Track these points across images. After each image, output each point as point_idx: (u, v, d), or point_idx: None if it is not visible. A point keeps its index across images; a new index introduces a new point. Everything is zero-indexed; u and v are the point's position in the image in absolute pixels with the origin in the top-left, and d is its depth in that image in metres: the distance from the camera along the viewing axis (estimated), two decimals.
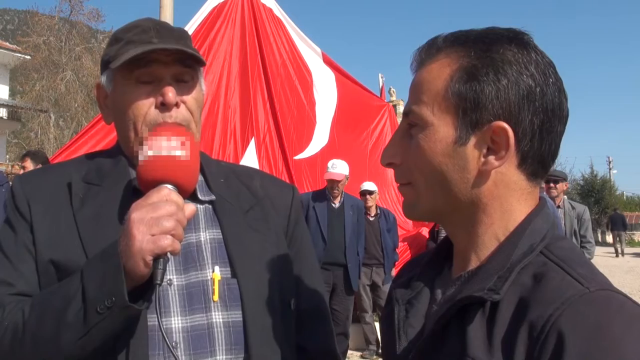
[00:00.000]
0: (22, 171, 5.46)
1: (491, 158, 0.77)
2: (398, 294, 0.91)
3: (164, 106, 1.11)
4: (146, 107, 1.11)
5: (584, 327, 0.64)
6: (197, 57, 1.15)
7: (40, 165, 4.90)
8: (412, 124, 0.82)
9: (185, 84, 1.15)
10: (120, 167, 1.16)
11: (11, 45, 23.66)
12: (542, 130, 0.77)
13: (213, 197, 1.17)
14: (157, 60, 1.11)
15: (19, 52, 22.32)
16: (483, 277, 0.76)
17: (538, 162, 0.78)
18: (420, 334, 0.84)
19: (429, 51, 0.82)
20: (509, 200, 0.79)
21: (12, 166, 15.74)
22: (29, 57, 22.11)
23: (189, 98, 1.15)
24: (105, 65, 1.17)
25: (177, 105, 1.12)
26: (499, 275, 0.74)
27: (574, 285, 0.69)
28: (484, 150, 0.77)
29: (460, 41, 0.80)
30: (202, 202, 1.15)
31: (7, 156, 22.61)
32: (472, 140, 0.77)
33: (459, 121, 0.77)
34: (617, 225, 24.27)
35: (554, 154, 0.80)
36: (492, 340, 0.71)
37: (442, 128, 0.78)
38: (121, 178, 1.14)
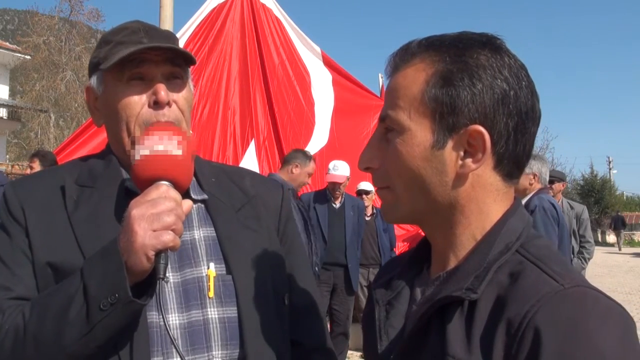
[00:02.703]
0: (28, 170, 5.44)
1: (468, 161, 0.79)
2: (378, 294, 0.93)
3: (156, 105, 1.13)
4: (139, 106, 1.13)
5: (560, 323, 0.66)
6: (187, 56, 1.17)
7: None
8: (388, 129, 0.83)
9: (175, 83, 1.16)
10: (112, 168, 1.18)
11: (11, 45, 23.66)
12: (516, 132, 0.79)
13: (206, 196, 1.19)
14: (147, 59, 1.12)
15: (19, 52, 22.33)
16: (461, 276, 0.78)
17: (513, 163, 0.81)
18: (401, 334, 0.86)
19: (404, 56, 0.84)
20: (486, 201, 0.81)
21: (12, 166, 15.74)
22: (29, 57, 22.13)
23: (179, 97, 1.16)
24: (94, 67, 1.18)
25: (169, 104, 1.14)
26: (476, 275, 0.76)
27: (549, 282, 0.71)
28: (461, 154, 0.79)
29: (434, 46, 0.81)
30: (195, 201, 1.16)
31: (7, 156, 22.62)
32: (450, 144, 0.79)
33: (435, 125, 0.79)
34: (618, 224, 29.75)
35: (528, 154, 0.82)
36: (471, 338, 0.73)
37: (419, 132, 0.80)
38: (114, 178, 1.16)
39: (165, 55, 1.14)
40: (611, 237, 35.76)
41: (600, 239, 33.16)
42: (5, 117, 21.07)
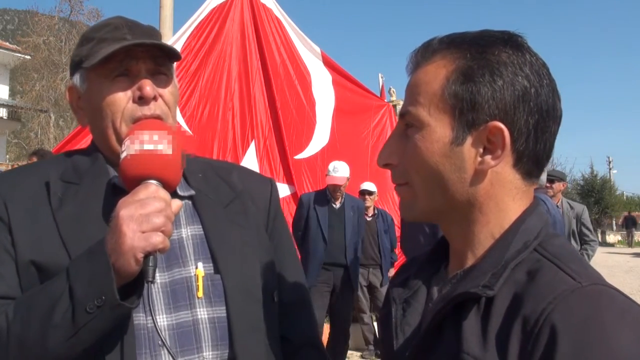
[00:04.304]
0: None
1: (487, 158, 0.78)
2: (395, 293, 0.92)
3: (141, 100, 1.11)
4: (124, 102, 1.11)
5: (576, 321, 0.66)
6: (172, 52, 1.16)
7: None
8: (408, 125, 0.83)
9: (160, 79, 1.15)
10: (98, 165, 1.15)
11: (11, 45, 23.68)
12: (536, 130, 0.78)
13: (192, 192, 1.17)
14: (132, 56, 1.11)
15: (19, 52, 22.35)
16: (477, 274, 0.77)
17: (533, 161, 0.80)
18: (417, 332, 0.85)
19: (425, 53, 0.84)
20: (505, 199, 0.81)
21: (12, 166, 15.73)
22: (29, 57, 22.13)
23: (165, 92, 1.15)
24: (77, 66, 1.16)
25: (154, 98, 1.12)
26: (493, 272, 0.76)
27: (566, 280, 0.70)
28: (480, 150, 0.78)
29: (455, 43, 0.81)
30: (181, 198, 1.13)
31: (7, 156, 22.62)
32: (469, 140, 0.78)
33: (455, 121, 0.78)
34: (629, 224, 33.16)
35: (548, 153, 0.81)
36: (487, 335, 0.72)
37: (438, 128, 0.79)
38: (100, 176, 1.13)
39: (150, 52, 1.12)
40: (611, 237, 35.99)
41: (600, 239, 33.21)
42: (5, 117, 21.08)
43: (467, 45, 0.80)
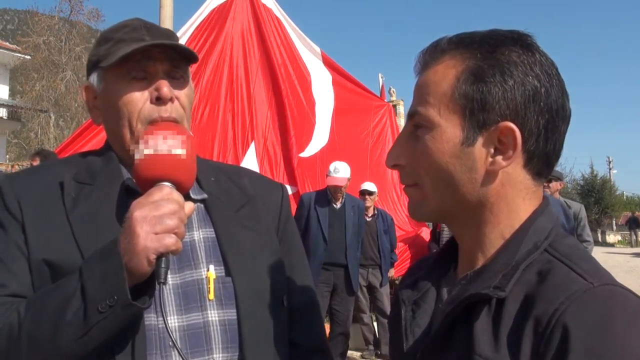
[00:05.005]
0: None
1: (498, 158, 0.78)
2: (404, 295, 0.92)
3: (159, 101, 1.11)
4: (141, 102, 1.11)
5: (589, 321, 0.65)
6: (189, 54, 1.16)
7: None
8: (417, 125, 0.83)
9: (177, 80, 1.15)
10: (112, 166, 1.16)
11: (11, 45, 23.70)
12: (547, 129, 0.78)
13: (205, 196, 1.17)
14: (150, 57, 1.11)
15: (19, 52, 22.35)
16: (488, 275, 0.77)
17: (543, 161, 0.80)
18: (427, 333, 0.85)
19: (434, 53, 0.83)
20: (515, 199, 0.80)
21: (12, 166, 15.71)
22: (29, 57, 22.12)
23: (181, 94, 1.15)
24: (94, 65, 1.16)
25: (171, 100, 1.12)
26: (504, 273, 0.75)
27: (578, 280, 0.70)
28: (491, 151, 0.78)
29: (464, 43, 0.81)
30: (194, 201, 1.14)
31: (7, 156, 22.63)
32: (480, 141, 0.78)
33: (465, 122, 0.78)
34: (633, 225, 34.10)
35: (558, 153, 0.81)
36: (499, 337, 0.72)
37: (449, 129, 0.79)
38: (114, 177, 1.14)
39: (168, 53, 1.12)
40: (611, 237, 36.03)
41: (600, 239, 33.23)
42: (5, 117, 21.09)
43: (476, 45, 0.79)
